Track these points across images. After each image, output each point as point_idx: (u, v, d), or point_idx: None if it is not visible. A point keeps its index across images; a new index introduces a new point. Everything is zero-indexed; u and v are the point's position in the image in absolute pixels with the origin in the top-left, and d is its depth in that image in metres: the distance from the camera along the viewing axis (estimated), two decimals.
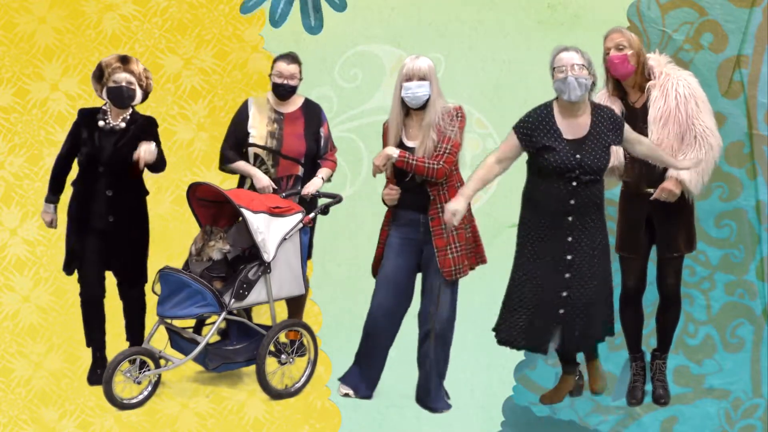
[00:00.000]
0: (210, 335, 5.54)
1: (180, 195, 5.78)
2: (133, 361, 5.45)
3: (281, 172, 5.86)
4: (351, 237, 5.94)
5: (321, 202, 5.89)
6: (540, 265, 5.24)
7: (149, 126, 5.73)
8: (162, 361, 5.54)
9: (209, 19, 6.46)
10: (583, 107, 5.22)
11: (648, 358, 5.75)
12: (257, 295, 5.57)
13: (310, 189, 5.79)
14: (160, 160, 5.66)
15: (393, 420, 5.62)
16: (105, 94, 5.67)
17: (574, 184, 5.15)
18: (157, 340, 5.59)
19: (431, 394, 5.55)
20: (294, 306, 6.00)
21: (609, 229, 5.50)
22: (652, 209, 5.48)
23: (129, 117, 5.69)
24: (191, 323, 5.76)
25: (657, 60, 5.50)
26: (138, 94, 5.70)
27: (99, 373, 5.59)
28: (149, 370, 5.49)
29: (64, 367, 5.89)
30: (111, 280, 5.76)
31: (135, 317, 5.74)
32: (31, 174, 6.32)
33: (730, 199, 6.07)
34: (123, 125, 5.66)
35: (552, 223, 5.19)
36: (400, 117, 5.49)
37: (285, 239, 5.61)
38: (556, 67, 5.18)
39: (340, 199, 5.82)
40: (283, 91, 5.87)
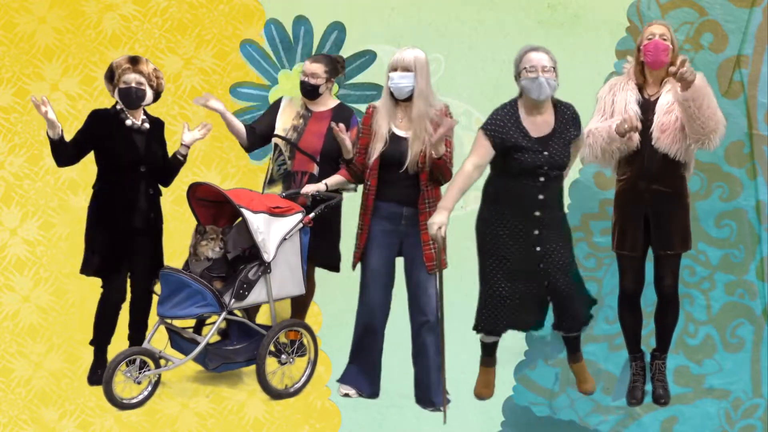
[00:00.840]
0: (210, 335, 5.54)
1: (180, 195, 5.78)
2: (133, 361, 5.46)
3: (297, 166, 5.86)
4: (351, 237, 5.92)
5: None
6: (510, 255, 5.33)
7: (161, 128, 5.82)
8: (162, 361, 5.54)
9: (209, 19, 6.46)
10: (547, 105, 5.35)
11: (648, 358, 5.75)
12: (257, 295, 5.57)
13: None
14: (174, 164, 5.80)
15: (393, 420, 5.62)
16: (116, 95, 5.68)
17: (542, 179, 5.29)
18: (158, 340, 5.59)
19: (432, 388, 5.54)
20: (298, 306, 5.99)
21: (605, 229, 5.60)
22: (649, 207, 5.49)
23: (146, 117, 5.73)
24: (191, 323, 5.76)
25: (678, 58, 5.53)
26: (148, 94, 5.71)
27: (99, 374, 5.59)
28: (149, 370, 5.49)
29: (64, 367, 5.89)
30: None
31: (142, 314, 5.75)
32: (31, 174, 6.32)
33: (730, 199, 6.07)
34: (147, 126, 5.70)
35: (520, 219, 5.31)
36: (389, 107, 5.54)
37: (285, 239, 5.61)
38: (526, 67, 5.27)
39: (340, 199, 5.82)
40: (305, 89, 5.89)
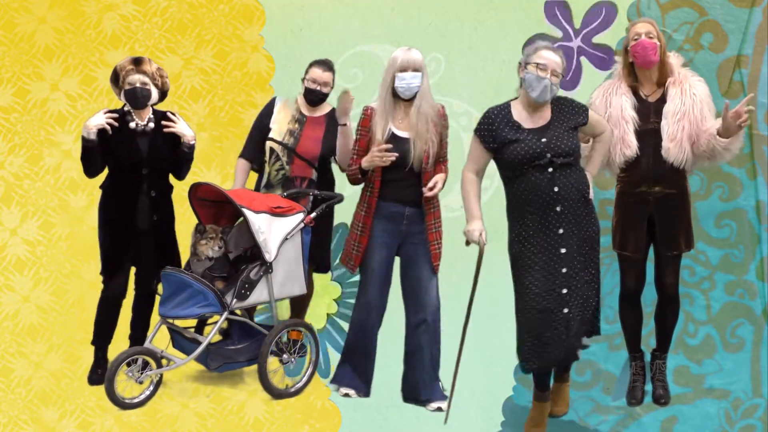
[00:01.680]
0: (212, 335, 5.54)
1: (181, 195, 5.78)
2: (135, 361, 5.45)
3: (295, 171, 5.85)
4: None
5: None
6: (536, 264, 5.06)
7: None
8: (164, 361, 5.54)
9: (209, 19, 6.46)
10: (545, 104, 5.15)
11: (648, 358, 5.76)
12: (259, 295, 5.57)
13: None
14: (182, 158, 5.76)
15: (393, 420, 5.62)
16: (123, 97, 5.68)
17: (550, 170, 5.03)
18: (159, 339, 5.59)
19: (426, 384, 5.55)
20: (297, 306, 6.00)
21: (605, 229, 5.53)
22: (654, 208, 5.49)
23: (153, 117, 5.71)
24: (193, 323, 5.77)
25: (675, 59, 5.55)
26: (154, 93, 5.70)
27: (100, 373, 5.60)
28: (151, 369, 5.49)
29: (64, 367, 5.88)
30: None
31: (145, 314, 5.75)
32: (31, 174, 6.32)
33: (730, 199, 6.08)
34: (152, 126, 5.68)
35: (540, 218, 5.04)
36: (390, 107, 5.52)
37: (286, 239, 5.61)
38: (537, 63, 5.05)
39: (341, 199, 5.82)
40: (315, 98, 5.86)
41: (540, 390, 5.35)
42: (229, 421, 5.60)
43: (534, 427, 5.43)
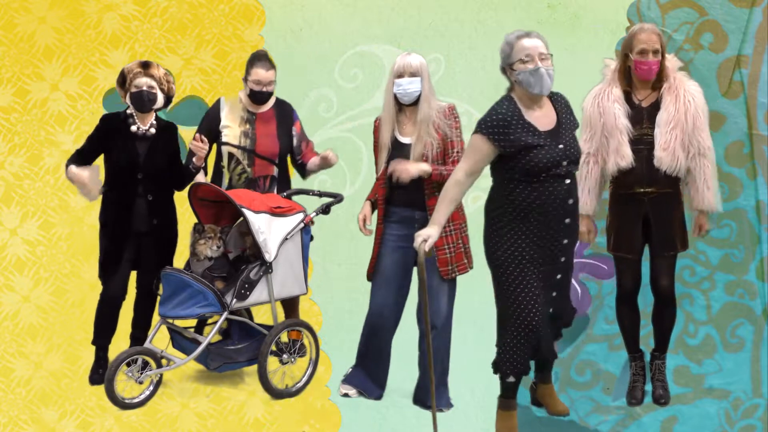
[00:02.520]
0: (212, 335, 5.54)
1: (181, 195, 5.78)
2: (135, 361, 5.46)
3: (257, 172, 5.84)
4: (351, 237, 5.93)
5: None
6: (533, 274, 4.93)
7: (172, 133, 5.80)
8: (164, 361, 5.54)
9: (209, 19, 6.46)
10: (543, 97, 4.90)
11: (647, 358, 5.76)
12: (259, 295, 5.57)
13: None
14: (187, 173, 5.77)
15: (393, 420, 5.62)
16: (128, 99, 5.68)
17: (567, 181, 4.86)
18: (159, 339, 5.59)
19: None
20: (288, 305, 5.99)
21: (601, 230, 5.60)
22: (649, 209, 5.48)
23: (156, 123, 5.71)
24: (193, 323, 5.77)
25: (671, 62, 5.50)
26: (159, 97, 5.71)
27: (101, 373, 5.60)
28: (151, 369, 5.49)
29: (64, 367, 5.88)
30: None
31: (145, 314, 5.75)
32: (31, 174, 6.32)
33: (730, 199, 6.07)
34: (153, 131, 5.69)
35: (547, 227, 4.88)
36: (393, 113, 5.52)
37: (286, 239, 5.61)
38: (521, 58, 4.76)
39: (341, 199, 5.82)
40: (262, 99, 5.84)
41: (513, 398, 5.20)
42: (229, 421, 5.59)
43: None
